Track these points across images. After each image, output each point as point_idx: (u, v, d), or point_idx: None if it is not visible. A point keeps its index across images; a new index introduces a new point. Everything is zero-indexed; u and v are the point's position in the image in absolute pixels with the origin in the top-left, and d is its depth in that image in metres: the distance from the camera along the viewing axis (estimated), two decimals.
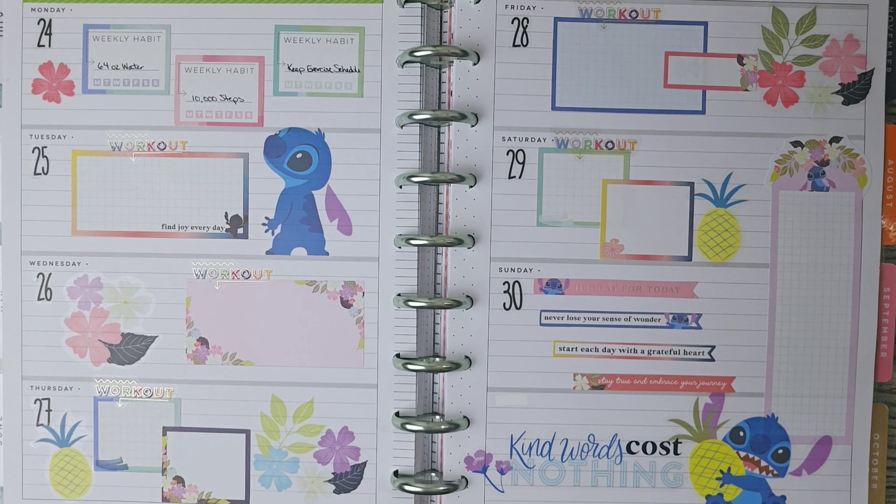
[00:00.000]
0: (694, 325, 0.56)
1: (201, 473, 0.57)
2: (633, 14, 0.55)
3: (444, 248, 0.56)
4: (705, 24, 0.55)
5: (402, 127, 0.55)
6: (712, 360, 0.56)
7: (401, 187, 0.56)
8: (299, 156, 0.56)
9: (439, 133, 0.56)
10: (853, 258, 0.56)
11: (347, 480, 0.56)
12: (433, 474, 0.57)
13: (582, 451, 0.56)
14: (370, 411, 0.56)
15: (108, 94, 0.56)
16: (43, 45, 0.56)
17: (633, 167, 0.56)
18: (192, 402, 0.57)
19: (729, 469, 0.56)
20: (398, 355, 0.56)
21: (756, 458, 0.56)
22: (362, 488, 0.56)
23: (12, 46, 0.56)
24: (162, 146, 0.56)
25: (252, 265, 0.56)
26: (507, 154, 0.56)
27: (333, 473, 0.57)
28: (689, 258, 0.56)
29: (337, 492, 0.56)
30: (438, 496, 0.56)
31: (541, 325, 0.56)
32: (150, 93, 0.56)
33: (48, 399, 0.57)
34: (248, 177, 0.56)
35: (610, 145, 0.56)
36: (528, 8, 0.56)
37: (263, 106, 0.56)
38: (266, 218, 0.56)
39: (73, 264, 0.56)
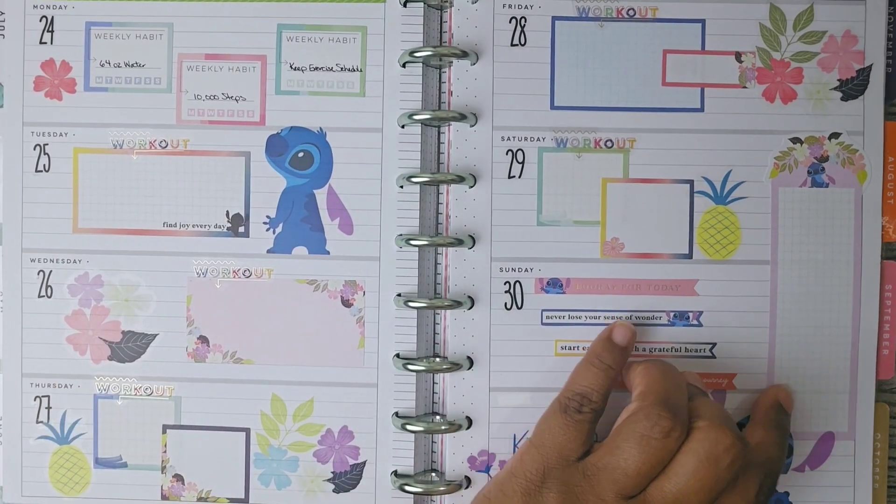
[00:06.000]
0: (695, 322, 0.56)
1: (201, 471, 0.56)
2: (631, 12, 0.56)
3: (444, 248, 0.56)
4: (703, 21, 0.56)
5: (403, 127, 0.56)
6: (713, 357, 0.56)
7: (402, 187, 0.56)
8: (301, 155, 0.56)
9: (439, 133, 0.57)
10: (853, 255, 0.56)
11: (347, 479, 0.56)
12: (433, 474, 0.56)
13: None
14: (370, 411, 0.56)
15: (110, 92, 0.56)
16: (45, 43, 0.56)
17: (633, 165, 0.56)
18: (192, 400, 0.56)
19: None
20: (398, 355, 0.56)
21: None
22: (361, 487, 0.56)
23: (14, 44, 0.56)
24: (163, 144, 0.56)
25: (253, 264, 0.56)
26: (507, 154, 0.56)
27: (333, 472, 0.56)
28: (689, 256, 0.56)
29: (336, 491, 0.56)
30: (439, 496, 0.56)
31: (542, 324, 0.56)
32: (151, 91, 0.56)
33: (48, 396, 0.56)
34: (250, 175, 0.56)
35: (609, 144, 0.56)
36: (526, 7, 0.56)
37: (265, 105, 0.56)
38: (267, 217, 0.56)
39: (74, 262, 0.56)
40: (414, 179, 0.55)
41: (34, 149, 0.56)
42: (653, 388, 0.50)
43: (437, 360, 0.56)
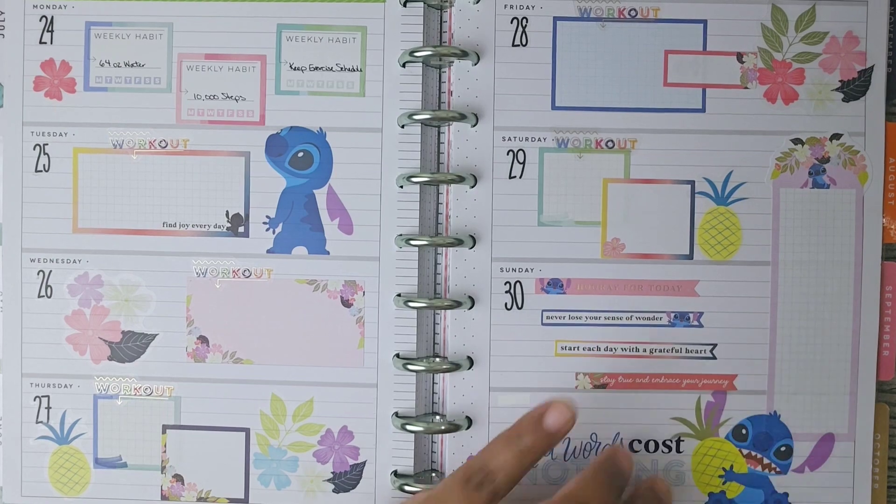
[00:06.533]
0: (696, 323, 0.56)
1: (200, 471, 0.56)
2: (633, 13, 0.56)
3: (444, 248, 0.56)
4: (704, 22, 0.56)
5: (403, 127, 0.56)
6: (714, 358, 0.56)
7: (402, 187, 0.56)
8: (301, 155, 0.56)
9: (439, 133, 0.56)
10: (854, 256, 0.56)
11: (346, 480, 0.56)
12: (433, 474, 0.56)
13: (584, 449, 0.56)
14: (370, 411, 0.56)
15: (110, 92, 0.56)
16: (45, 43, 0.56)
17: (634, 166, 0.56)
18: (191, 400, 0.56)
19: (731, 467, 0.56)
20: (398, 355, 0.56)
21: (758, 456, 0.56)
22: (361, 487, 0.56)
23: (14, 43, 0.56)
24: (163, 144, 0.56)
25: (253, 264, 0.56)
26: (508, 154, 0.56)
27: (332, 473, 0.56)
28: (690, 256, 0.56)
29: (336, 491, 0.56)
30: None
31: (542, 324, 0.56)
32: (151, 90, 0.56)
33: (48, 396, 0.56)
34: (250, 175, 0.56)
35: (610, 144, 0.56)
36: (528, 7, 0.56)
37: (265, 105, 0.56)
38: (267, 217, 0.56)
39: (74, 262, 0.56)
40: (414, 179, 0.55)
41: (34, 149, 0.56)
42: (575, 493, 0.49)
43: (437, 360, 0.56)
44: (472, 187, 0.56)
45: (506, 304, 0.56)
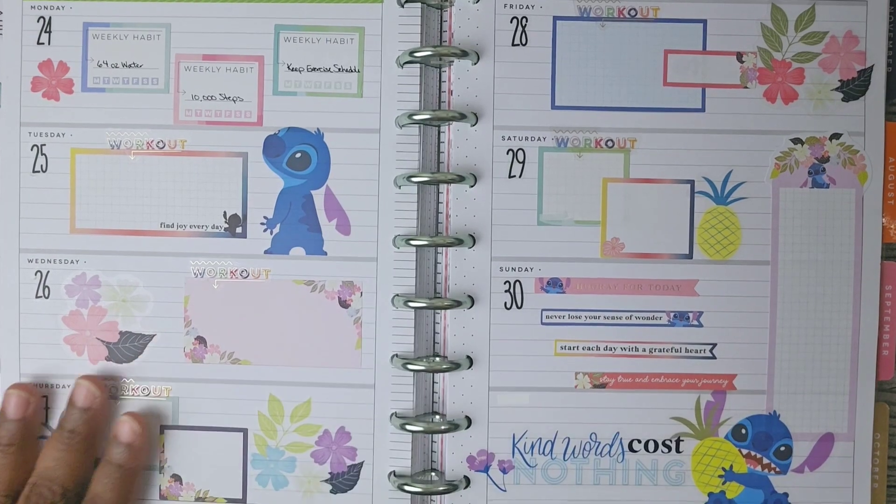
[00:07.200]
0: (695, 322, 0.56)
1: (199, 472, 0.56)
2: (632, 12, 0.56)
3: (444, 248, 0.56)
4: (704, 21, 0.55)
5: (401, 127, 0.55)
6: (714, 357, 0.56)
7: (400, 187, 0.55)
8: (298, 155, 0.56)
9: (439, 133, 0.56)
10: (854, 255, 0.55)
11: (344, 480, 0.56)
12: (432, 474, 0.56)
13: (584, 449, 0.56)
14: (367, 411, 0.56)
15: (108, 93, 0.56)
16: (42, 43, 0.56)
17: (634, 165, 0.56)
18: (189, 400, 0.56)
19: (731, 466, 0.56)
20: (396, 355, 0.56)
21: (758, 456, 0.56)
22: (359, 488, 0.56)
23: (12, 44, 0.56)
24: (161, 145, 0.56)
25: (250, 264, 0.56)
26: (507, 153, 0.56)
27: (330, 473, 0.56)
28: (689, 256, 0.56)
29: (333, 491, 0.56)
30: (438, 496, 0.56)
31: (542, 324, 0.56)
32: (149, 91, 0.56)
33: (46, 397, 0.56)
34: (247, 176, 0.56)
35: (610, 144, 0.56)
36: (527, 7, 0.56)
37: (263, 105, 0.56)
38: (265, 217, 0.56)
39: (72, 262, 0.56)
40: (414, 179, 0.55)
41: (31, 149, 0.56)
42: None
43: (437, 359, 0.56)
44: (472, 187, 0.56)
45: (505, 304, 0.56)
